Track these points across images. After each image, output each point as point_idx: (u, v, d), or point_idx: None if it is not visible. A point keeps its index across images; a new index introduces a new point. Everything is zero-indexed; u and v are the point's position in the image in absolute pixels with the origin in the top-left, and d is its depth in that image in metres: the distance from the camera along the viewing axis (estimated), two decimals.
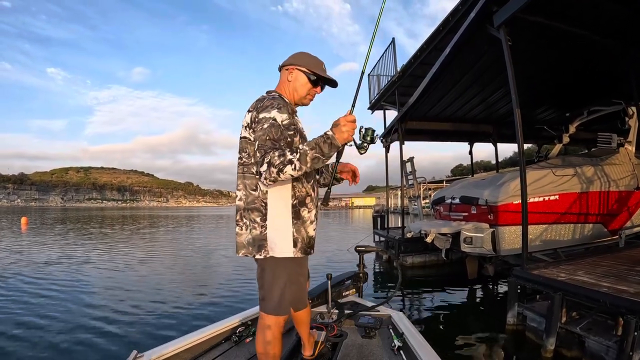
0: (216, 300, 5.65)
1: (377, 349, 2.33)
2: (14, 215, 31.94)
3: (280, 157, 1.46)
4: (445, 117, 8.96)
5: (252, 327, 2.52)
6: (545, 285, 3.71)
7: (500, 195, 5.15)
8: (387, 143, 9.31)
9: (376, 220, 10.45)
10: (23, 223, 22.70)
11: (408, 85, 8.20)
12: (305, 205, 1.72)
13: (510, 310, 4.11)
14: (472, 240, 5.12)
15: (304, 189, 1.71)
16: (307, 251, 1.72)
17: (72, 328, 4.40)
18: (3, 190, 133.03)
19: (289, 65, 1.78)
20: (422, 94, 6.58)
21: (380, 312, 2.83)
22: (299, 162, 1.44)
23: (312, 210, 1.75)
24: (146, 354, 2.09)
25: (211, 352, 2.30)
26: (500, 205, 5.12)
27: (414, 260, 7.93)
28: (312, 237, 1.75)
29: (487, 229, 5.15)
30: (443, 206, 6.53)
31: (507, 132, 9.89)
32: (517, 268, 4.17)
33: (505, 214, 5.14)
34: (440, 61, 5.64)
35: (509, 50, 4.29)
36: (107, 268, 8.30)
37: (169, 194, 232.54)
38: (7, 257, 9.65)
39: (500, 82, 6.89)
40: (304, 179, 1.71)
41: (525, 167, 6.05)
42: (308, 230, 1.72)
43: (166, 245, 13.21)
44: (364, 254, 3.27)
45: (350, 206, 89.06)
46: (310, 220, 1.73)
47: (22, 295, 5.87)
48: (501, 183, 5.38)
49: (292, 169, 1.44)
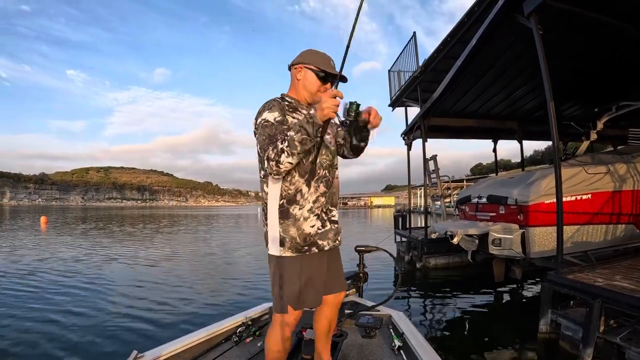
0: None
1: (377, 349, 2.34)
2: (35, 214, 32.75)
3: (274, 149, 1.50)
4: (469, 113, 8.59)
5: (253, 327, 2.59)
6: (583, 291, 3.43)
7: (531, 194, 4.85)
8: (409, 140, 8.99)
9: (397, 219, 10.18)
10: (42, 222, 23.06)
11: (430, 80, 7.94)
12: (296, 202, 1.68)
13: (542, 318, 3.84)
14: (501, 242, 4.84)
15: (293, 187, 1.67)
16: (300, 249, 1.68)
17: (86, 325, 4.42)
18: (24, 190, 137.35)
19: (297, 64, 1.77)
20: (446, 88, 6.31)
21: (380, 311, 2.84)
22: (288, 148, 1.47)
23: (306, 206, 1.69)
24: (147, 354, 2.10)
25: (211, 352, 2.31)
26: (531, 205, 4.82)
27: (437, 262, 7.66)
28: (309, 234, 1.69)
29: (517, 230, 4.86)
30: (469, 206, 6.25)
31: (532, 129, 9.48)
32: (551, 272, 3.90)
33: (536, 214, 4.84)
34: (465, 53, 5.37)
35: (540, 39, 4.00)
36: (128, 264, 8.38)
37: (188, 193, 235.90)
38: (23, 255, 9.76)
39: (527, 76, 6.55)
40: (294, 176, 1.67)
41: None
42: (302, 227, 1.68)
43: (188, 244, 13.27)
44: (364, 253, 3.26)
45: (369, 205, 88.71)
46: (305, 218, 1.68)
47: (37, 290, 5.97)
48: (531, 181, 5.08)
49: (286, 157, 1.48)
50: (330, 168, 1.79)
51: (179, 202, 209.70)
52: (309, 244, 1.70)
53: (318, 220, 1.72)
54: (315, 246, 1.71)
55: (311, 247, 1.70)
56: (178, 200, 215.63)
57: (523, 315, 4.86)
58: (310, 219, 1.70)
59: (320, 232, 1.73)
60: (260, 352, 2.27)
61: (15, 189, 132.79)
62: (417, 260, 7.80)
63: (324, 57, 1.75)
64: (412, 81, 8.19)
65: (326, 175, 1.76)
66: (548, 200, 4.83)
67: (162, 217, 36.88)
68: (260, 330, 2.59)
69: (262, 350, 2.16)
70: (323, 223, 1.74)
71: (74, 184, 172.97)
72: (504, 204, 5.19)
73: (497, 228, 4.91)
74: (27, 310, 5.10)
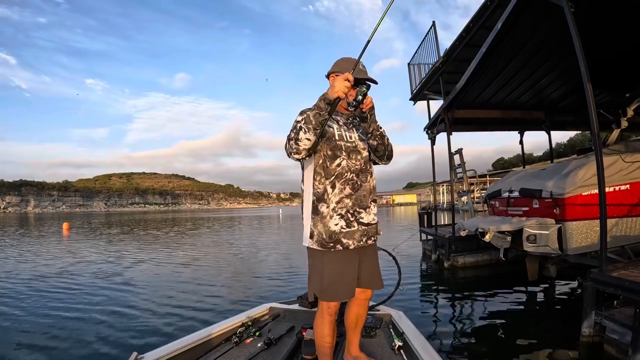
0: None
1: (378, 349, 2.33)
2: (59, 221, 33.61)
3: (294, 129, 1.72)
4: (494, 104, 8.19)
5: (252, 328, 2.62)
6: (632, 290, 3.10)
7: (568, 185, 4.50)
8: (433, 134, 8.61)
9: (422, 217, 9.83)
10: (65, 228, 23.48)
11: (452, 71, 7.62)
12: (324, 201, 1.85)
13: (586, 320, 3.51)
14: (536, 238, 4.51)
15: (322, 186, 1.86)
16: (325, 245, 1.84)
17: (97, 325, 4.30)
18: (48, 198, 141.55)
19: (330, 73, 1.98)
20: (470, 78, 5.98)
21: (380, 311, 2.85)
22: (304, 123, 1.66)
23: (331, 205, 1.85)
24: (147, 355, 2.10)
25: (211, 353, 2.33)
26: (568, 198, 4.48)
27: (466, 260, 7.32)
28: (334, 232, 1.83)
29: (553, 225, 4.53)
30: (499, 200, 5.90)
31: (560, 119, 9.02)
32: (594, 270, 3.57)
33: (573, 207, 4.50)
34: (490, 39, 5.06)
35: (572, 17, 3.68)
36: (159, 265, 8.36)
37: (210, 196, 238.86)
38: (51, 260, 9.80)
39: (554, 62, 6.17)
40: (323, 176, 1.86)
41: (592, 153, 5.38)
42: (328, 224, 1.84)
43: (216, 245, 13.26)
44: None
45: (391, 204, 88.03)
46: (330, 216, 1.84)
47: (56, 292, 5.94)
48: (567, 172, 4.73)
49: (303, 133, 1.67)
50: (360, 173, 1.92)
51: (201, 205, 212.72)
52: (333, 241, 1.83)
53: (342, 220, 1.85)
54: (340, 244, 1.84)
55: (336, 244, 1.84)
56: (200, 203, 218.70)
57: (561, 317, 4.52)
58: (334, 217, 1.84)
59: (345, 232, 1.85)
60: (260, 353, 2.31)
61: (40, 196, 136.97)
62: (445, 259, 7.47)
63: (351, 63, 1.81)
64: (433, 72, 7.89)
65: (353, 178, 1.89)
66: (586, 191, 4.52)
67: (185, 220, 37.30)
68: (260, 331, 2.60)
69: (262, 350, 2.32)
70: (348, 223, 1.86)
71: (97, 190, 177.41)
72: (538, 197, 4.85)
73: (532, 223, 4.58)
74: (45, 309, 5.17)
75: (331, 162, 1.86)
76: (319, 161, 1.87)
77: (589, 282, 3.51)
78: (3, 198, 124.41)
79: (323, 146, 1.87)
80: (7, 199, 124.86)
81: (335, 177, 1.86)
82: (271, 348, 2.37)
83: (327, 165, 1.85)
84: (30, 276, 7.72)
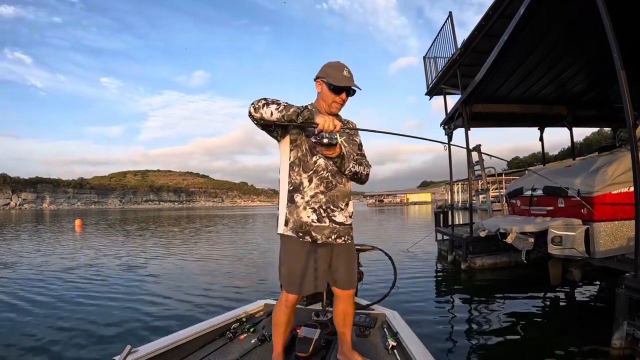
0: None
1: (371, 348, 2.33)
2: (74, 217, 33.71)
3: (273, 99, 1.72)
4: (514, 98, 7.69)
5: (247, 324, 2.63)
6: None
7: (597, 183, 4.16)
8: (450, 130, 8.21)
9: (438, 216, 9.47)
10: (77, 225, 23.43)
11: (470, 63, 7.29)
12: (299, 192, 1.93)
13: (617, 331, 3.20)
14: (562, 240, 4.18)
15: (299, 178, 1.94)
16: (298, 234, 1.92)
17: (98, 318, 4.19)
18: (64, 195, 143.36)
19: (316, 78, 1.99)
20: (491, 68, 5.60)
21: (375, 310, 2.84)
22: (284, 106, 1.68)
23: (305, 197, 1.92)
24: (140, 348, 2.10)
25: (205, 348, 2.32)
26: (597, 197, 4.14)
27: (484, 262, 6.97)
28: (305, 223, 1.92)
29: (580, 225, 4.19)
30: (521, 199, 5.56)
31: (582, 114, 8.53)
32: (628, 275, 3.25)
33: (602, 206, 4.15)
34: (513, 24, 4.71)
35: None
36: (184, 260, 8.27)
37: (224, 194, 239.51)
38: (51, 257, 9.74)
39: (577, 52, 5.77)
40: (300, 168, 1.94)
41: (618, 150, 4.99)
42: (301, 215, 1.92)
43: (230, 243, 13.19)
44: (359, 252, 3.14)
45: (405, 202, 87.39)
46: (303, 207, 1.92)
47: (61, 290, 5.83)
48: (595, 169, 4.38)
49: (275, 107, 1.68)
50: (336, 174, 1.98)
51: (215, 202, 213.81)
52: (303, 232, 1.92)
53: (314, 214, 1.93)
54: (309, 236, 1.92)
55: (305, 235, 1.92)
56: (214, 201, 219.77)
57: (589, 325, 4.19)
58: (307, 210, 1.92)
59: (315, 225, 1.92)
60: (254, 349, 2.31)
61: (55, 193, 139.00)
62: (462, 261, 7.13)
63: (337, 69, 1.90)
64: (450, 65, 7.56)
65: (329, 177, 1.96)
66: (616, 190, 4.18)
67: (200, 218, 37.56)
68: (254, 327, 2.60)
69: (256, 347, 2.33)
70: (320, 218, 1.93)
71: (111, 187, 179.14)
72: (564, 196, 4.51)
73: (558, 224, 4.25)
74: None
75: (310, 157, 1.93)
76: (298, 154, 1.93)
77: (622, 290, 3.20)
78: (19, 195, 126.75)
79: (304, 142, 1.93)
80: (23, 196, 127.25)
81: (313, 172, 1.94)
82: (265, 344, 2.36)
83: (306, 160, 1.93)
84: (35, 271, 7.70)
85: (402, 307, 4.73)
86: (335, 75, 1.88)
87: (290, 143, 1.94)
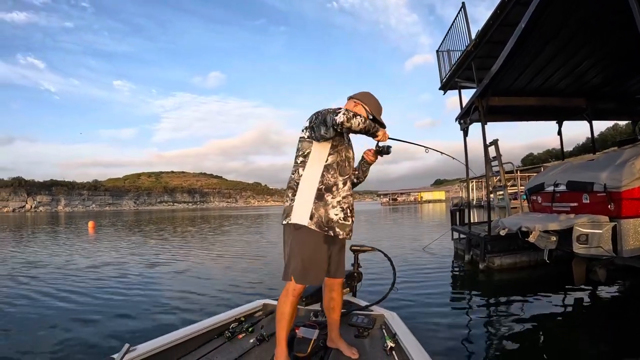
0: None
1: (369, 349, 2.33)
2: (88, 219, 33.87)
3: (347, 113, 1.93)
4: (531, 91, 7.37)
5: (245, 324, 2.64)
6: None
7: (624, 177, 3.90)
8: (466, 124, 7.92)
9: (455, 214, 9.18)
10: (90, 227, 23.35)
11: (485, 55, 7.04)
12: (331, 192, 2.12)
13: None
14: (588, 238, 3.93)
15: (334, 179, 2.13)
16: (322, 228, 2.07)
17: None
18: (79, 197, 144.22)
19: (357, 100, 2.27)
20: (508, 58, 5.34)
21: (373, 312, 2.84)
22: (362, 119, 1.96)
23: (337, 198, 2.12)
24: (139, 347, 2.10)
25: (204, 347, 2.34)
26: (625, 191, 3.88)
27: (503, 262, 6.68)
28: (331, 220, 2.10)
29: (607, 223, 3.93)
30: (542, 195, 5.29)
31: (602, 106, 8.18)
32: None
33: (631, 202, 3.90)
34: (529, 13, 4.47)
35: None
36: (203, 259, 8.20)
37: (238, 194, 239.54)
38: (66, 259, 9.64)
39: (598, 41, 5.46)
40: (336, 172, 2.14)
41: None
42: (329, 212, 2.09)
43: (244, 242, 13.11)
44: (358, 253, 3.24)
45: (419, 201, 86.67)
46: (333, 206, 2.11)
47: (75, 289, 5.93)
48: (622, 162, 4.11)
49: (357, 120, 1.93)
50: (349, 181, 2.25)
51: (228, 203, 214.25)
52: (328, 227, 2.09)
53: (342, 212, 2.13)
54: (332, 231, 2.10)
55: (329, 230, 2.09)
56: (228, 201, 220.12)
57: (619, 329, 3.92)
58: (336, 208, 2.12)
59: (340, 223, 2.12)
60: (253, 349, 2.32)
61: (70, 196, 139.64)
62: (480, 260, 6.86)
63: (378, 106, 2.28)
64: (465, 57, 7.29)
65: (349, 184, 2.24)
66: None
67: (215, 218, 37.69)
68: (253, 327, 2.60)
69: (255, 346, 2.34)
70: (345, 217, 2.15)
71: (126, 189, 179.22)
72: (589, 191, 4.25)
73: (584, 221, 4.00)
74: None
75: (347, 164, 2.21)
76: (336, 158, 2.14)
77: None
78: (34, 197, 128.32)
79: (343, 149, 2.17)
80: (38, 199, 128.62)
81: (347, 177, 2.21)
82: (263, 344, 2.37)
83: (344, 165, 2.18)
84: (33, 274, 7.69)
85: (416, 310, 4.58)
86: (377, 111, 2.25)
87: (331, 147, 2.13)
